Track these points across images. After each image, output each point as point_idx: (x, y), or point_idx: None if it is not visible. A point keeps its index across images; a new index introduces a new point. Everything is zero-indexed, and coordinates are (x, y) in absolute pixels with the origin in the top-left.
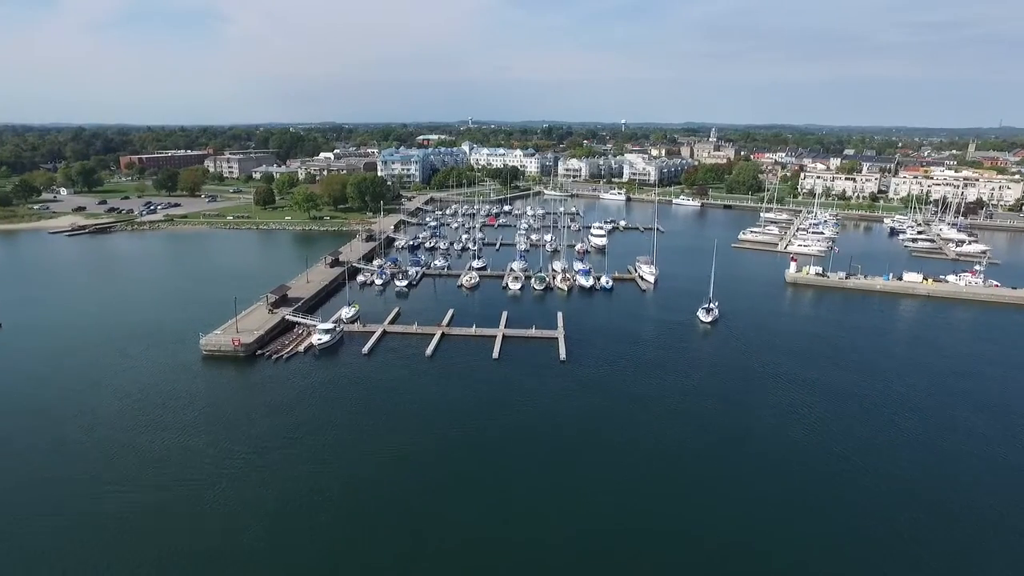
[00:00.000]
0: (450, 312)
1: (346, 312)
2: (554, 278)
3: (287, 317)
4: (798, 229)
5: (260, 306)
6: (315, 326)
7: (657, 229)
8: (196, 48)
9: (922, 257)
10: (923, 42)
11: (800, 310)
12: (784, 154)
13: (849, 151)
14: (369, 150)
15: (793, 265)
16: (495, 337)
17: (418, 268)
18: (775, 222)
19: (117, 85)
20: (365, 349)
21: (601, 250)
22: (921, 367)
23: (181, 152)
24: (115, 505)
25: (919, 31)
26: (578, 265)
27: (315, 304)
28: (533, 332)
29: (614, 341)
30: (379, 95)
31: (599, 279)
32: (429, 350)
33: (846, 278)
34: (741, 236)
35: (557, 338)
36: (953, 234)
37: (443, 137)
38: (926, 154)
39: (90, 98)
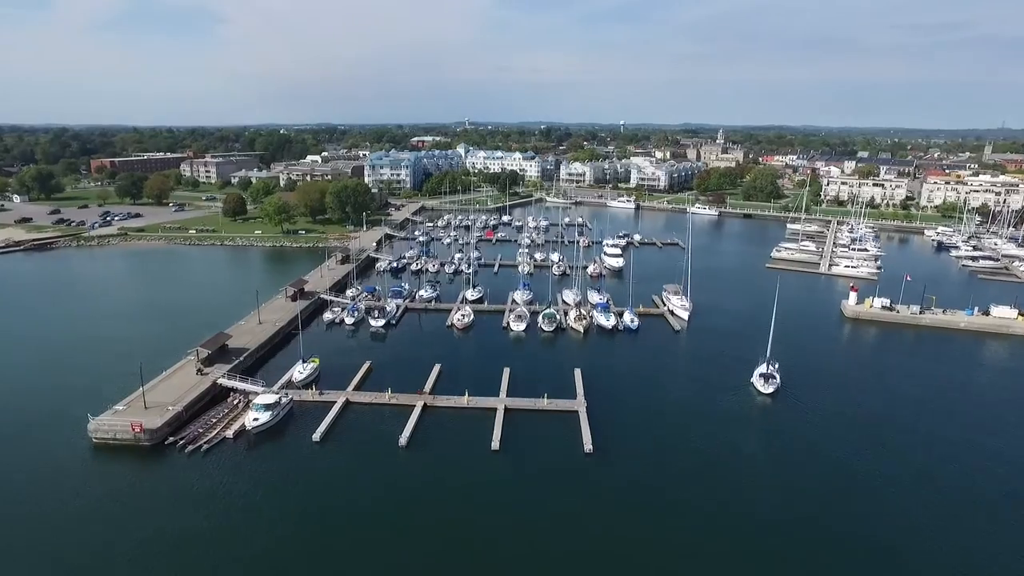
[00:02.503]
0: (436, 370)
1: (300, 371)
2: (566, 314)
3: (220, 381)
4: (837, 245)
5: (189, 363)
6: (255, 395)
7: (679, 244)
8: (193, 49)
9: (988, 280)
10: (917, 44)
11: (876, 361)
12: (794, 156)
13: (863, 154)
14: (361, 152)
15: (853, 296)
16: (495, 411)
17: (400, 300)
18: (811, 237)
19: (113, 86)
20: (317, 434)
21: (618, 272)
22: None
23: (159, 155)
24: None
25: (913, 33)
26: (594, 296)
27: (264, 356)
28: (545, 403)
29: (653, 421)
30: (376, 96)
31: (621, 316)
32: (404, 436)
33: (920, 313)
34: (775, 254)
35: (577, 412)
36: (1012, 249)
37: (438, 139)
38: (936, 156)
39: (86, 99)
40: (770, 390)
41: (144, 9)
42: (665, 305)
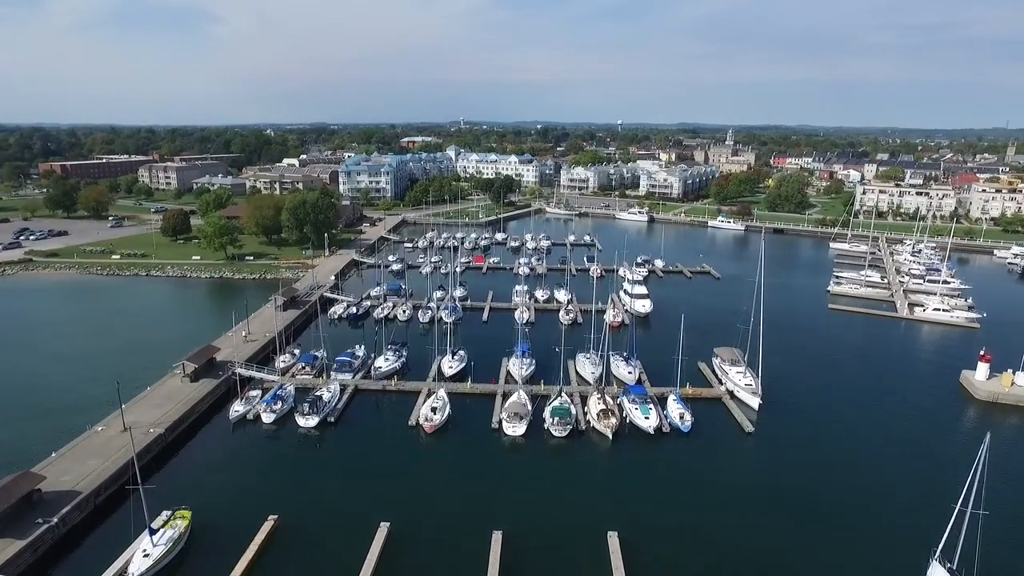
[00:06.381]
0: (381, 536)
1: (145, 552)
2: (584, 401)
3: None
4: (908, 274)
5: None
6: None
7: (711, 273)
8: (187, 48)
9: None
10: (910, 44)
11: None
12: (809, 159)
13: (881, 156)
14: (347, 154)
15: (983, 368)
16: None
17: (348, 376)
18: (876, 265)
19: (107, 85)
20: None
21: (645, 319)
22: None
23: (119, 158)
24: None
25: (906, 33)
26: (622, 368)
27: (106, 505)
28: None
29: None
30: (371, 96)
31: (664, 404)
32: None
33: None
34: (833, 288)
35: None
36: None
37: (428, 139)
38: (950, 157)
39: (78, 98)
40: None
41: (137, 9)
42: (722, 383)
